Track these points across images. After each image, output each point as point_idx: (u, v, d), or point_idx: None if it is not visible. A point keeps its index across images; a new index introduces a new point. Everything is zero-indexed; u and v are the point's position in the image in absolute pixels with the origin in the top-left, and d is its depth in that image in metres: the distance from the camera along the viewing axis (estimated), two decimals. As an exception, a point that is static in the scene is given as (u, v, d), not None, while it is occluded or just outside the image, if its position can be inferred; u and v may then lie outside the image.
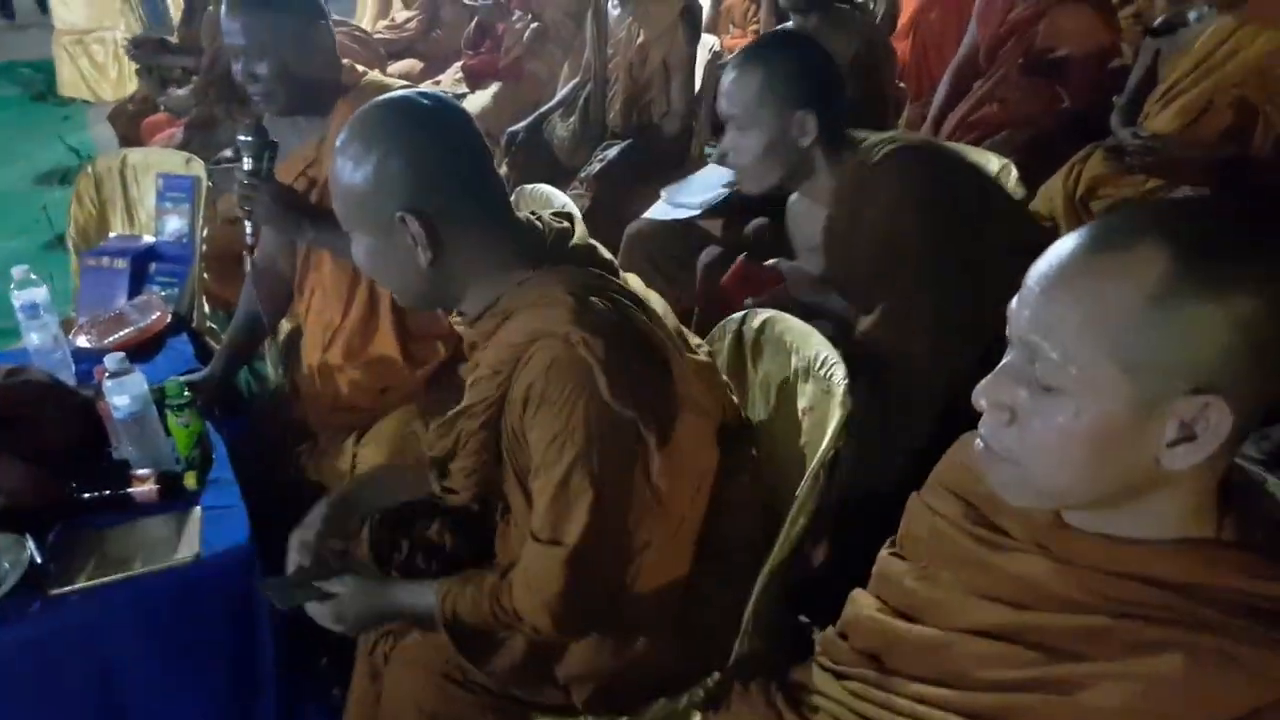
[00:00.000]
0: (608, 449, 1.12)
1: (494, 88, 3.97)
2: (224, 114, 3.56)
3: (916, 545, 0.98)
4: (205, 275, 2.56)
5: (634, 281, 1.28)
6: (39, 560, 1.46)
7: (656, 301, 1.28)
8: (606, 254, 1.27)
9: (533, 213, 1.27)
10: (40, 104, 6.56)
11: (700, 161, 3.38)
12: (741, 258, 1.97)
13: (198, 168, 2.54)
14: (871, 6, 4.20)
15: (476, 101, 3.95)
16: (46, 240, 4.41)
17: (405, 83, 1.91)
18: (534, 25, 3.78)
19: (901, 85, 3.36)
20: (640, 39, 3.13)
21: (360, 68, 1.90)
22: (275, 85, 1.76)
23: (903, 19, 3.78)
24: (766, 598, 1.31)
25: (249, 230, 1.81)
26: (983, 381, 0.80)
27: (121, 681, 1.48)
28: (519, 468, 1.24)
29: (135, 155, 2.65)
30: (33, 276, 1.99)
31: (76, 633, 1.43)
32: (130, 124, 4.27)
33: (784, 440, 1.46)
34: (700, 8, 3.36)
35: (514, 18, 3.80)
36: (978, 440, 0.83)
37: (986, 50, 3.15)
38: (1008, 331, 0.79)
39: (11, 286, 1.97)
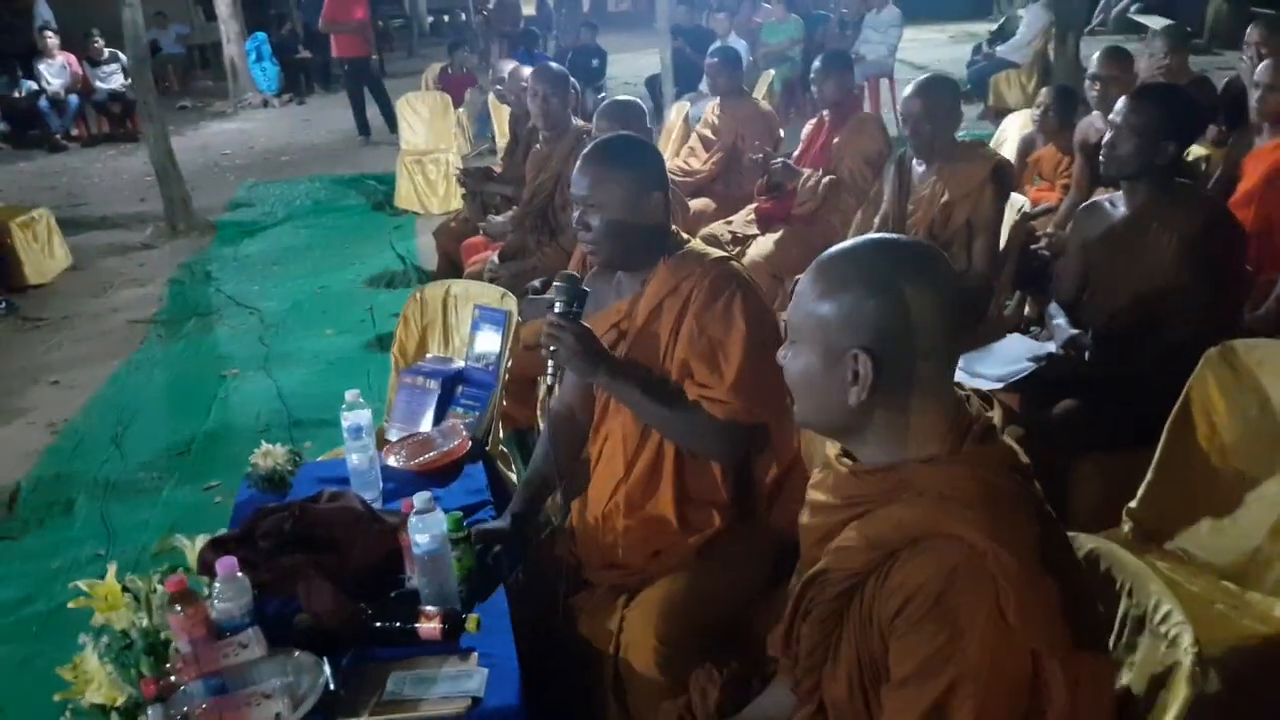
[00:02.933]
0: (999, 677, 1.02)
1: (781, 231, 4.02)
2: (534, 244, 3.83)
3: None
4: (504, 401, 2.71)
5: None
6: (333, 687, 1.55)
7: None
8: (1025, 458, 1.17)
9: (959, 385, 1.21)
10: (378, 213, 7.45)
11: (999, 323, 3.20)
12: None
13: (510, 303, 2.72)
14: (1203, 168, 3.86)
15: (763, 243, 4.00)
16: (368, 339, 4.94)
17: (720, 253, 1.95)
18: (828, 179, 3.80)
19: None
20: (945, 198, 3.05)
21: (684, 235, 1.97)
22: (603, 240, 1.87)
23: (1244, 185, 3.43)
24: None
25: (550, 371, 1.89)
26: None
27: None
28: (864, 658, 1.15)
29: (458, 286, 2.90)
30: (361, 401, 2.19)
31: (355, 766, 1.49)
32: (451, 241, 4.72)
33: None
34: (1012, 168, 3.23)
35: (805, 174, 3.85)
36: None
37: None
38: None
39: (343, 407, 2.17)
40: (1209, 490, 1.99)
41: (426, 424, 2.59)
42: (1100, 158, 2.45)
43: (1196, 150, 3.89)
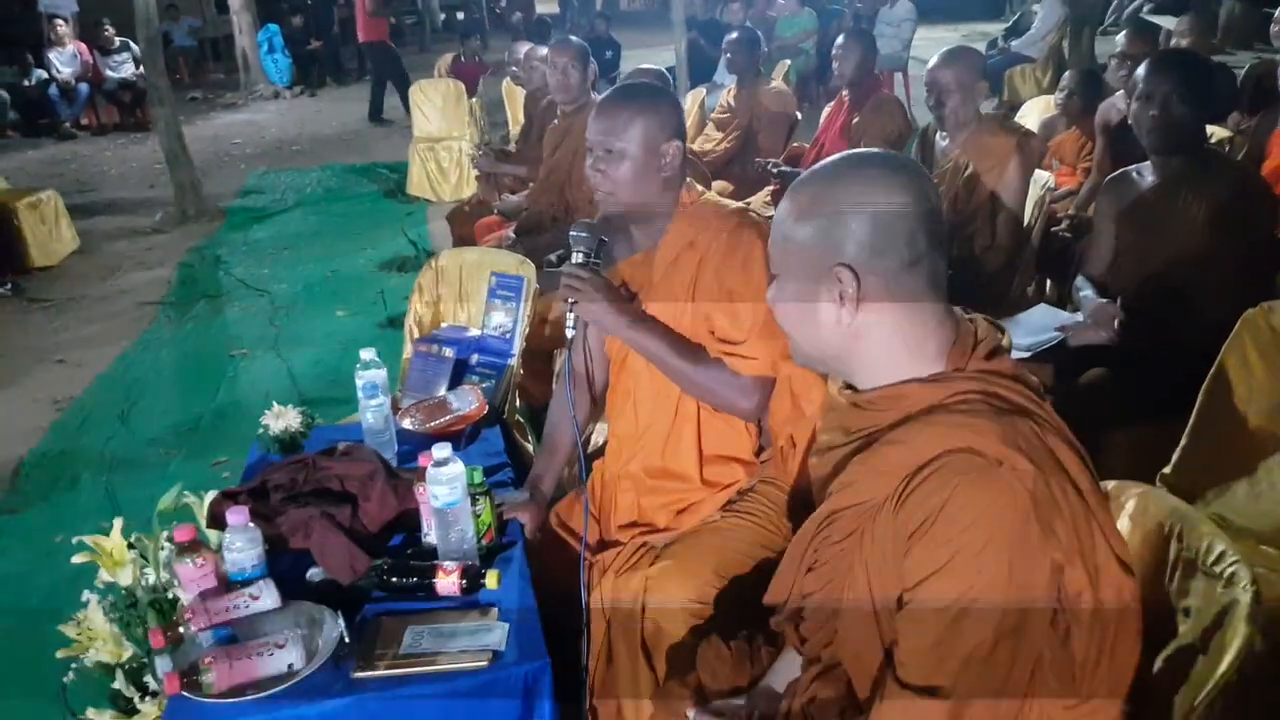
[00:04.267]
0: (1018, 589, 0.98)
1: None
2: (550, 220, 3.78)
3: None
4: (520, 371, 2.66)
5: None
6: (347, 640, 1.50)
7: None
8: (1034, 380, 1.13)
9: (968, 312, 1.17)
10: (390, 200, 7.42)
11: (1023, 299, 3.15)
12: None
13: (528, 269, 2.67)
14: (1226, 150, 3.80)
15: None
16: (380, 320, 4.89)
17: (737, 203, 1.90)
18: (851, 155, 3.74)
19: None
20: (969, 170, 2.99)
21: (700, 187, 1.92)
22: (620, 186, 1.80)
23: (1271, 163, 3.37)
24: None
25: (569, 323, 1.84)
26: None
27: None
28: (879, 597, 1.10)
29: (473, 254, 2.85)
30: (376, 359, 2.14)
31: (372, 717, 1.44)
32: (465, 223, 4.67)
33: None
34: (1037, 141, 3.17)
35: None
36: None
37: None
38: None
39: (357, 366, 2.13)
40: (1246, 454, 1.93)
41: (441, 392, 2.54)
42: (1148, 130, 2.39)
43: (1220, 133, 3.83)
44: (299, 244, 6.51)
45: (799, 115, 4.77)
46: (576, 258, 1.81)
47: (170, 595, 1.65)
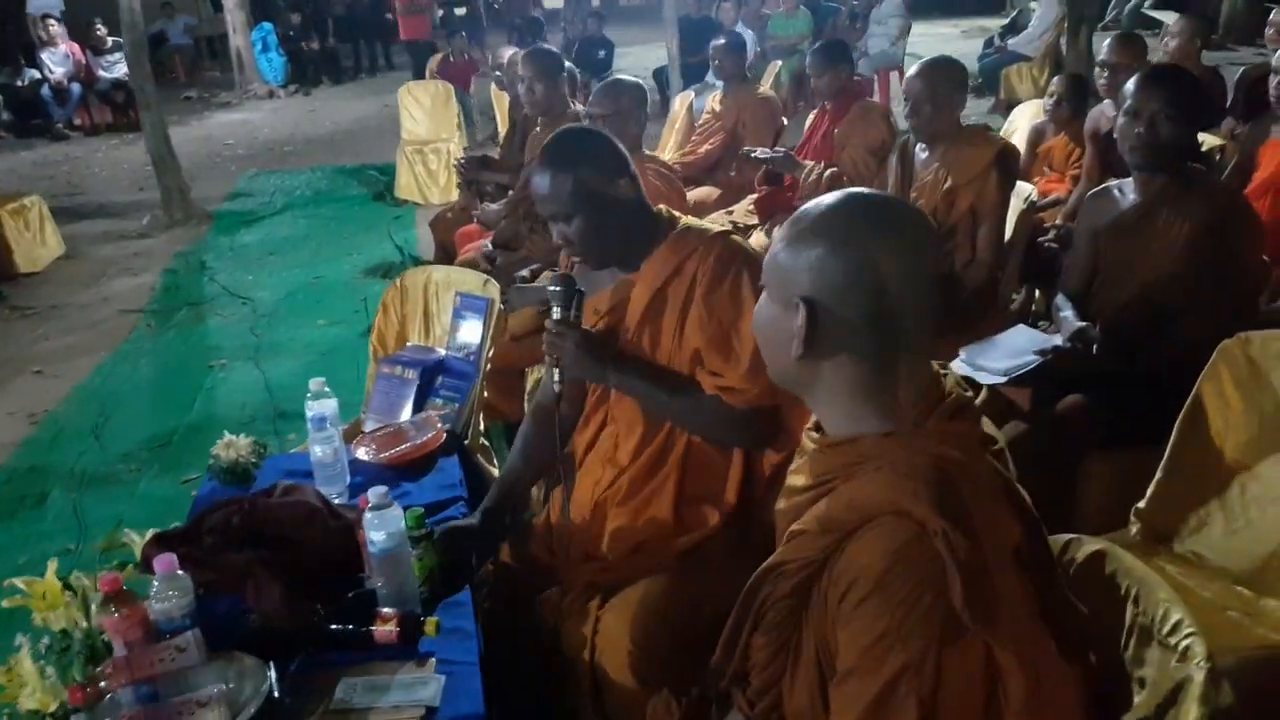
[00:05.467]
0: (948, 668, 0.93)
1: (782, 222, 3.89)
2: (526, 231, 3.72)
3: None
4: (485, 392, 2.60)
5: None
6: (276, 695, 1.44)
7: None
8: (1000, 442, 1.10)
9: (943, 367, 1.14)
10: (378, 203, 7.36)
11: (1005, 316, 3.08)
12: None
13: (493, 290, 2.62)
14: (1218, 159, 3.72)
15: (762, 235, 3.89)
16: (361, 330, 4.82)
17: (720, 226, 1.84)
18: (830, 171, 3.67)
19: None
20: (948, 184, 2.92)
21: (675, 213, 1.86)
22: (587, 245, 1.78)
23: (1260, 174, 3.29)
24: None
25: (555, 378, 1.81)
26: None
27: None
28: (824, 657, 1.05)
29: (439, 273, 2.79)
30: (326, 390, 2.07)
31: (295, 779, 1.38)
32: (447, 230, 4.61)
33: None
34: (1018, 154, 3.10)
35: (807, 168, 3.72)
36: None
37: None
38: None
39: (307, 397, 2.06)
40: (1222, 490, 1.87)
41: (405, 415, 2.48)
42: (1131, 147, 2.32)
43: (1211, 141, 3.75)
44: (285, 249, 6.45)
45: (785, 121, 4.69)
46: (555, 313, 1.77)
47: (104, 639, 1.60)
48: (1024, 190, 3.15)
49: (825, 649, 1.05)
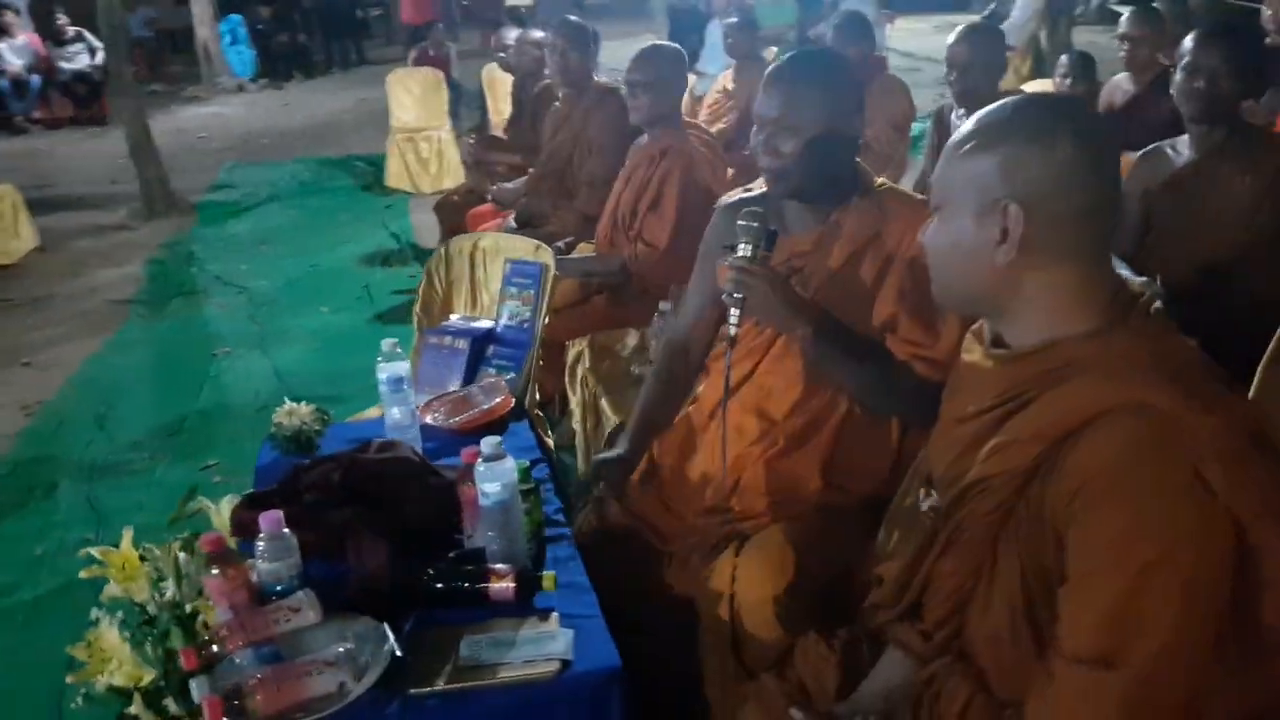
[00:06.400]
0: (1203, 559, 0.90)
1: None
2: (550, 208, 3.65)
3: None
4: (540, 361, 2.53)
5: None
6: (399, 654, 1.36)
7: None
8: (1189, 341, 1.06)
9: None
10: (367, 193, 7.22)
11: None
12: None
13: (546, 255, 2.54)
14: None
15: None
16: (368, 317, 4.73)
17: (922, 197, 1.79)
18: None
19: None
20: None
21: (875, 176, 1.78)
22: (795, 165, 1.65)
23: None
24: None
25: (733, 319, 1.67)
26: None
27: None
28: (1031, 573, 1.02)
29: (486, 239, 2.71)
30: (399, 350, 2.00)
31: (432, 740, 1.31)
32: (456, 213, 4.51)
33: None
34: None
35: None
36: None
37: None
38: None
39: (379, 358, 1.98)
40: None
41: (454, 387, 2.40)
42: (1191, 101, 2.31)
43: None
44: (276, 239, 6.29)
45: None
46: (743, 249, 1.64)
47: (189, 609, 1.51)
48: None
49: (1035, 562, 1.02)
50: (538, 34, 4.61)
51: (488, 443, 1.54)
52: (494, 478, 1.52)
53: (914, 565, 1.18)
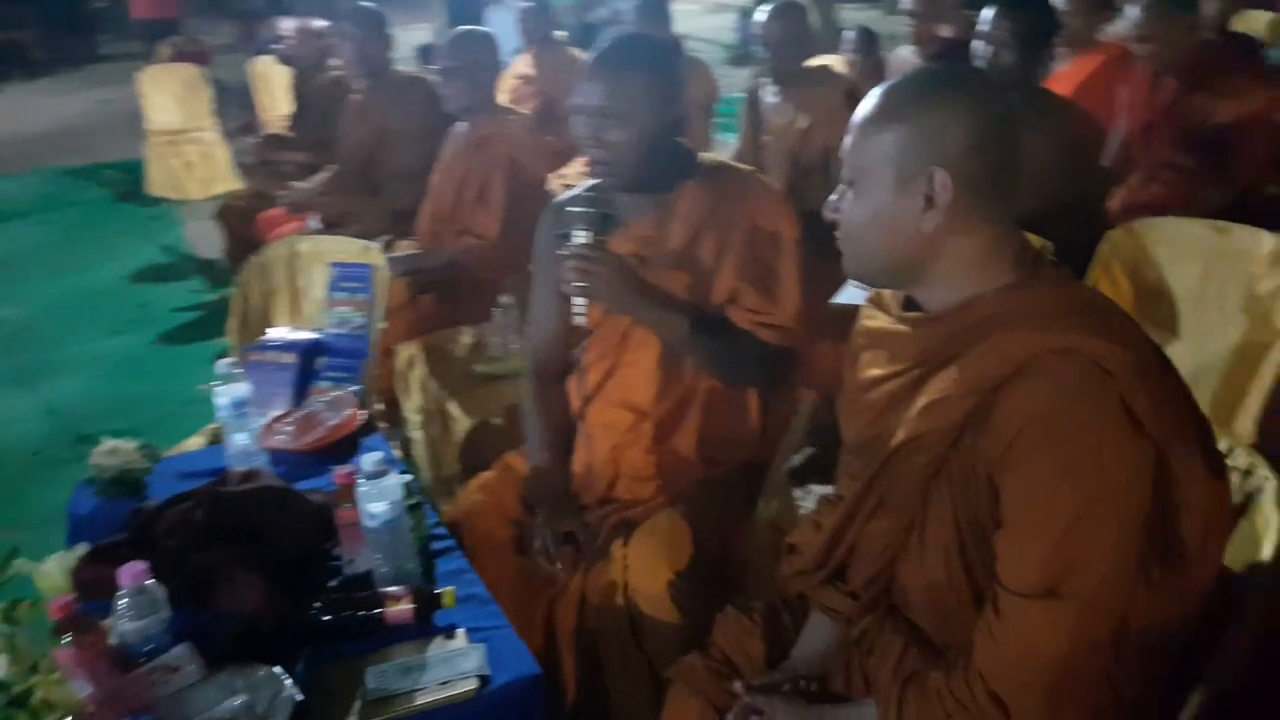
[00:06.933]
0: (1137, 484, 0.96)
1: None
2: (357, 206, 3.45)
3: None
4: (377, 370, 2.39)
5: None
6: (299, 699, 1.25)
7: None
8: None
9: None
10: (126, 204, 6.57)
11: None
12: None
13: (376, 256, 2.40)
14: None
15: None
16: (153, 337, 4.32)
17: (752, 167, 1.79)
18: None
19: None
20: (803, 123, 3.02)
21: (698, 153, 1.77)
22: (625, 155, 1.62)
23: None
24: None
25: (578, 307, 1.64)
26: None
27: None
28: (964, 522, 1.06)
29: (305, 244, 2.52)
30: (235, 369, 1.83)
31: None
32: (242, 220, 4.18)
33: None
34: (862, 91, 3.26)
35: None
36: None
37: (1137, 139, 3.05)
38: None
39: (214, 382, 1.80)
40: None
41: (284, 406, 2.22)
42: (986, 69, 2.48)
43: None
44: (22, 261, 5.59)
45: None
46: (582, 236, 1.61)
47: (24, 689, 1.31)
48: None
49: (968, 510, 1.07)
50: (319, 23, 4.34)
51: (369, 460, 1.44)
52: (380, 496, 1.42)
53: (840, 529, 1.20)
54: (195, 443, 2.26)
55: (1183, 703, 1.08)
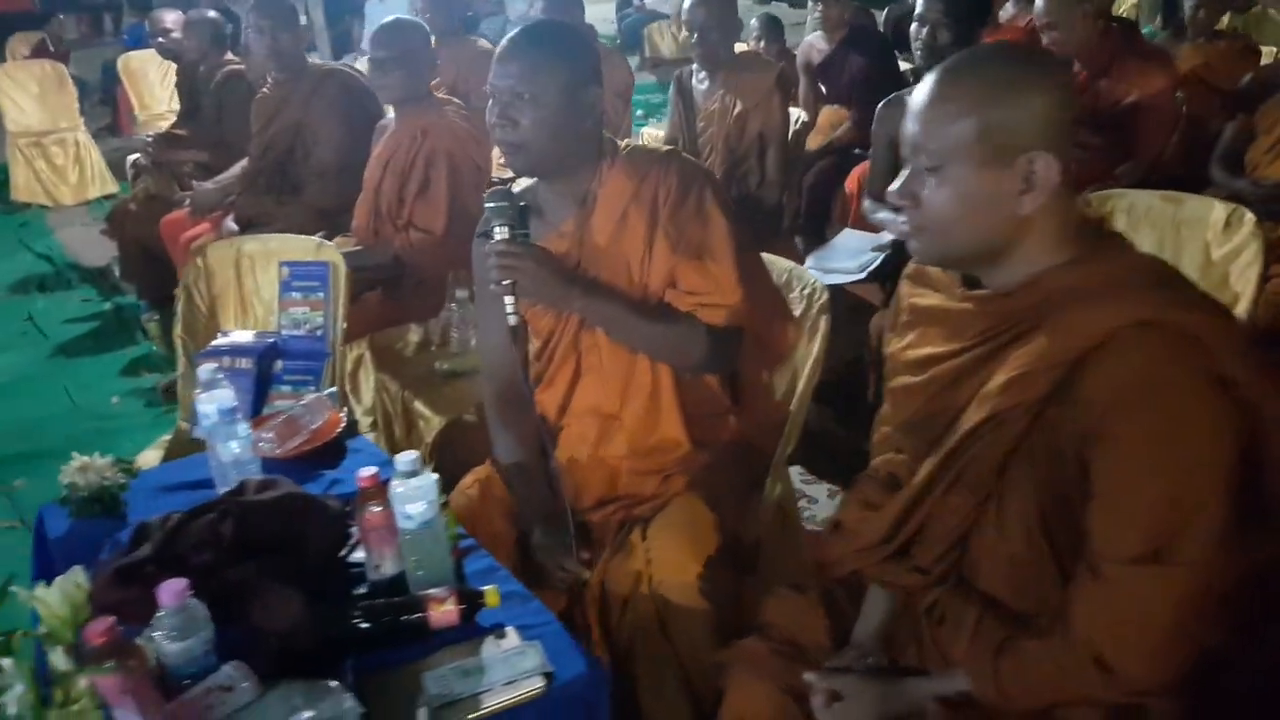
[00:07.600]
0: (1230, 446, 0.99)
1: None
2: (275, 205, 3.31)
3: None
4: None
5: None
6: (363, 710, 1.20)
7: None
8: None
9: None
10: (-11, 212, 6.11)
11: (794, 230, 3.32)
12: None
13: (331, 253, 2.31)
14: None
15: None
16: (46, 353, 4.03)
17: (667, 148, 1.78)
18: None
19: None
20: (737, 109, 3.07)
21: (616, 139, 1.75)
22: (533, 138, 1.59)
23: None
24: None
25: (510, 308, 1.62)
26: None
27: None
28: (1048, 498, 1.07)
29: (251, 243, 2.40)
30: (220, 376, 1.73)
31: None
32: (140, 224, 3.95)
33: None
34: (794, 77, 3.34)
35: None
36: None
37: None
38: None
39: (198, 391, 1.71)
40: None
41: (244, 413, 2.12)
42: (919, 51, 2.59)
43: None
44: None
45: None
46: (501, 232, 1.58)
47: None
48: (794, 113, 3.39)
49: (1052, 483, 1.08)
50: (211, 14, 4.13)
51: (403, 459, 1.39)
52: (417, 496, 1.38)
53: (911, 507, 1.21)
54: (152, 456, 2.14)
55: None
